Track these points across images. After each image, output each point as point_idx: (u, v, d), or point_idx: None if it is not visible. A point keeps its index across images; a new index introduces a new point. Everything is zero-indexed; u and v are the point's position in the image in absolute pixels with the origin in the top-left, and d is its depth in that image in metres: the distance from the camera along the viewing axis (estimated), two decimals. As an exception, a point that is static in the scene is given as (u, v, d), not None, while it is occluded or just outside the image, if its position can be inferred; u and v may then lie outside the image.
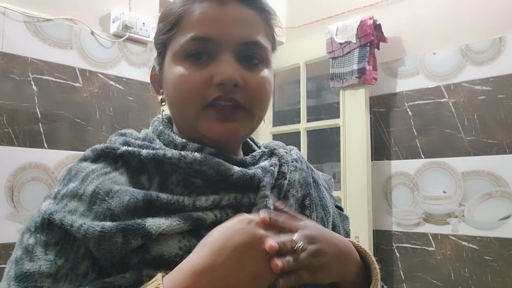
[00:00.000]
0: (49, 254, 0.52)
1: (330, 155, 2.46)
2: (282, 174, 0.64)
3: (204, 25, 0.60)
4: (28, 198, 1.56)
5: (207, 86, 0.59)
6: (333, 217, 0.70)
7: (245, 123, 0.62)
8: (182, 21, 0.62)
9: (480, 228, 1.83)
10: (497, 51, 1.83)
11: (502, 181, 1.79)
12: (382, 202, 2.12)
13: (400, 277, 2.03)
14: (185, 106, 0.61)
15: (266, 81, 0.63)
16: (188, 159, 0.58)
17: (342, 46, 2.12)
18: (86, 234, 0.50)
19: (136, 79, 1.88)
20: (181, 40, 0.61)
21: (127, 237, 0.50)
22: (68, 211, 0.54)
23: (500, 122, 1.81)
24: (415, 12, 2.09)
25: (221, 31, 0.60)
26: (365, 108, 2.08)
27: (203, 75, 0.59)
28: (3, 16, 1.55)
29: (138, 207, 0.53)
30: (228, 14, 0.61)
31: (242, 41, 0.61)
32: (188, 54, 0.60)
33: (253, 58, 0.62)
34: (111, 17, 1.83)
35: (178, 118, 0.65)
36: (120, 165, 0.61)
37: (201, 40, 0.60)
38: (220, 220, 0.56)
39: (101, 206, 0.53)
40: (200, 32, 0.60)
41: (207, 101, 0.59)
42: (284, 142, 0.75)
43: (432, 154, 1.98)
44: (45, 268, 0.51)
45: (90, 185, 0.56)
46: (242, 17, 0.62)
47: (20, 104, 1.56)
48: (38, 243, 0.53)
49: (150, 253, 0.52)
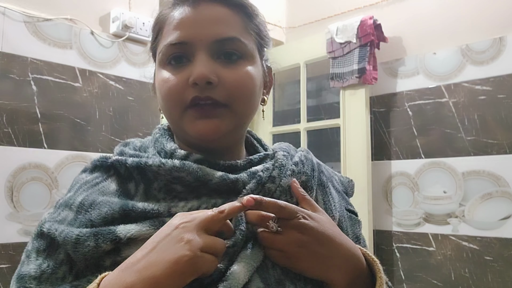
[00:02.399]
0: (39, 259, 0.58)
1: (330, 155, 2.46)
2: (271, 179, 0.63)
3: (179, 30, 0.62)
4: (28, 198, 1.56)
5: (185, 87, 0.60)
6: (340, 221, 0.69)
7: (227, 119, 0.61)
8: (163, 28, 0.65)
9: (481, 228, 1.83)
10: (498, 51, 1.83)
11: (502, 181, 1.79)
12: (382, 202, 2.12)
13: (400, 277, 2.03)
14: (170, 109, 0.63)
15: (246, 76, 0.62)
16: (167, 166, 0.59)
17: (342, 46, 2.12)
18: (65, 238, 0.56)
19: (136, 79, 1.88)
20: (161, 46, 0.64)
21: (98, 241, 0.54)
22: (58, 220, 0.60)
23: (500, 122, 1.81)
24: (415, 12, 2.09)
25: (194, 33, 0.62)
26: (365, 108, 2.08)
27: (181, 77, 0.61)
28: (3, 16, 1.55)
29: (115, 217, 0.57)
30: (200, 14, 0.62)
31: (215, 39, 0.61)
32: (169, 59, 0.63)
33: (232, 54, 0.62)
34: (111, 17, 1.83)
35: (169, 122, 0.67)
36: (112, 173, 0.65)
37: (178, 44, 0.62)
38: None
39: (85, 216, 0.58)
40: (175, 37, 0.62)
41: (187, 102, 0.60)
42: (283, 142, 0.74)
43: (432, 154, 1.98)
44: (33, 272, 0.57)
45: (79, 196, 0.62)
46: (215, 16, 0.63)
47: (19, 104, 1.56)
48: (33, 249, 0.60)
49: (121, 255, 0.55)
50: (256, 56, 0.66)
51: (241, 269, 0.53)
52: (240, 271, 0.53)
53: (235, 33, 0.63)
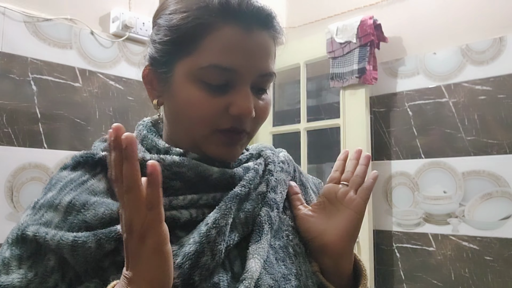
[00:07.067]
0: (22, 268, 0.53)
1: (330, 155, 2.46)
2: (268, 172, 0.66)
3: (229, 54, 0.57)
4: (28, 198, 1.56)
5: (222, 114, 0.59)
6: None
7: (245, 145, 0.65)
8: (202, 41, 0.58)
9: (481, 228, 1.83)
10: (498, 51, 1.83)
11: (502, 181, 1.79)
12: (382, 202, 2.12)
13: (400, 277, 2.03)
14: (194, 127, 0.60)
15: (269, 106, 0.64)
16: (167, 162, 0.58)
17: (342, 46, 2.12)
18: (59, 242, 0.52)
19: (136, 79, 1.87)
20: (199, 61, 0.58)
21: (100, 242, 0.51)
22: (43, 223, 0.55)
23: (500, 122, 1.81)
24: (415, 12, 2.09)
25: (244, 62, 0.58)
26: (365, 108, 2.08)
27: (219, 103, 0.58)
28: (2, 16, 1.55)
29: (113, 218, 0.54)
30: (253, 43, 0.59)
31: (261, 73, 0.60)
32: (209, 79, 0.58)
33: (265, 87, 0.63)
34: (111, 17, 1.83)
35: (181, 132, 0.63)
36: (99, 171, 0.61)
37: (225, 70, 0.57)
38: (196, 218, 0.57)
39: (77, 217, 0.54)
40: (223, 62, 0.57)
41: (219, 128, 0.59)
42: (284, 142, 0.76)
43: (432, 154, 1.98)
44: (16, 282, 0.52)
45: (67, 196, 0.57)
46: (264, 47, 0.60)
47: (19, 104, 1.56)
48: (13, 257, 0.55)
49: (121, 255, 0.51)
50: None
51: (255, 266, 0.55)
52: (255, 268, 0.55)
53: (273, 67, 0.63)
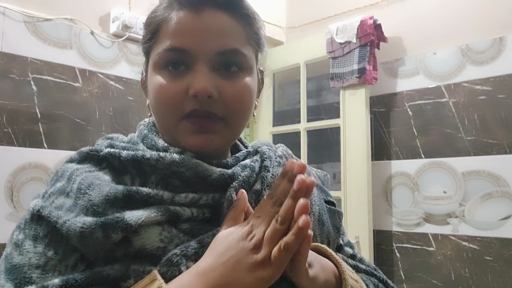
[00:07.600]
0: (38, 246, 0.53)
1: (330, 155, 2.46)
2: (264, 168, 0.65)
3: (180, 36, 0.60)
4: (28, 198, 1.56)
5: (183, 97, 0.59)
6: (320, 214, 0.70)
7: (223, 134, 0.62)
8: (161, 30, 0.63)
9: (481, 228, 1.83)
10: (498, 51, 1.83)
11: (502, 181, 1.79)
12: (382, 202, 2.12)
13: (400, 277, 2.03)
14: (164, 116, 0.62)
15: (245, 90, 0.62)
16: (167, 160, 0.59)
17: (342, 46, 2.12)
18: (68, 231, 0.52)
19: (136, 79, 1.87)
20: (159, 49, 0.62)
21: (107, 232, 0.51)
22: (55, 207, 0.55)
23: (500, 122, 1.81)
24: (415, 12, 2.09)
25: (196, 42, 0.59)
26: (365, 108, 2.08)
27: (179, 86, 0.60)
28: (2, 16, 1.55)
29: (118, 198, 0.54)
30: (204, 23, 0.60)
31: (218, 51, 0.60)
32: (166, 64, 0.61)
33: (232, 65, 0.61)
34: (111, 17, 1.83)
35: (160, 125, 0.66)
36: (105, 166, 0.62)
37: (177, 50, 0.60)
38: (196, 217, 0.58)
39: (83, 199, 0.55)
40: (176, 43, 0.60)
41: (184, 113, 0.60)
42: (284, 142, 0.75)
43: (432, 154, 1.98)
44: (34, 260, 0.52)
45: (75, 182, 0.58)
46: (219, 26, 0.60)
47: (19, 104, 1.56)
48: (27, 237, 0.54)
49: (133, 246, 0.53)
50: (254, 66, 0.65)
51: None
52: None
53: (237, 45, 0.61)
